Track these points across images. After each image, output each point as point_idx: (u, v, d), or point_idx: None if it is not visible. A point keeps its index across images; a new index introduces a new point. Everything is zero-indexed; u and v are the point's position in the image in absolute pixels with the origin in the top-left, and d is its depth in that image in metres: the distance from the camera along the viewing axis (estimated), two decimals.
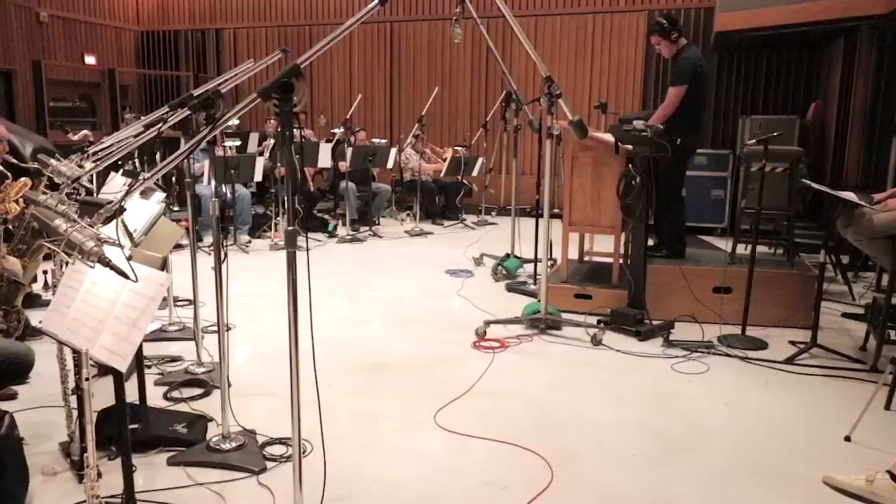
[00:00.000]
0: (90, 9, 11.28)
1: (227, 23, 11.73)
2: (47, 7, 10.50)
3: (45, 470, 2.56)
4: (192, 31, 11.89)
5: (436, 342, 4.17)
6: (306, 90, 2.16)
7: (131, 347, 1.88)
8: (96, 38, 11.40)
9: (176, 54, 11.99)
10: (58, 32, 10.73)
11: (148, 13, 12.13)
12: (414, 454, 2.76)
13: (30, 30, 10.26)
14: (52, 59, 10.50)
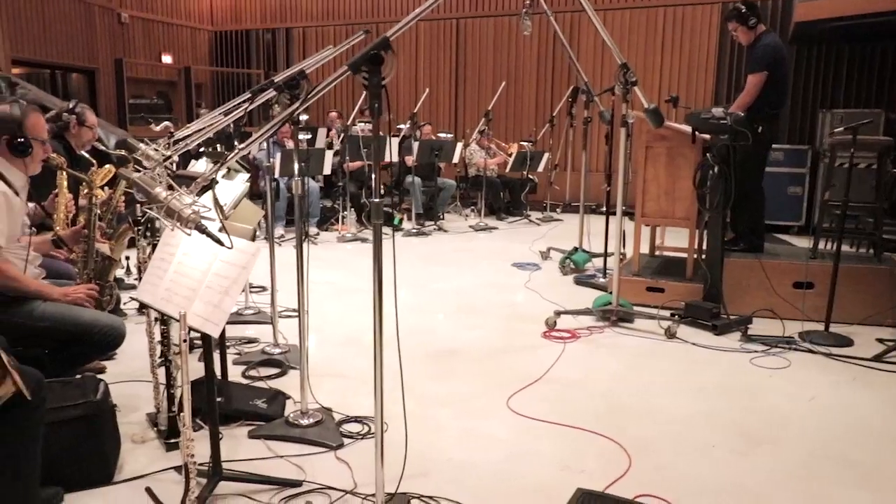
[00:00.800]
0: (167, 10, 11.71)
1: (295, 22, 11.98)
2: (128, 8, 10.95)
3: (134, 438, 2.67)
4: (263, 30, 12.20)
5: (505, 332, 4.16)
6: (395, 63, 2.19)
7: (223, 315, 1.93)
8: (173, 38, 11.82)
9: (247, 53, 12.32)
10: (137, 33, 11.18)
11: (221, 13, 12.51)
12: (487, 437, 2.76)
13: (112, 30, 10.73)
14: (132, 58, 10.94)
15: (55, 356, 2.65)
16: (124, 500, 2.27)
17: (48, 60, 9.71)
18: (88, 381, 2.49)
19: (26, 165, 2.57)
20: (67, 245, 3.00)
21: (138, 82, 11.19)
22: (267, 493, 2.29)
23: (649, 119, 3.84)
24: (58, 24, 9.70)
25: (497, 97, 8.79)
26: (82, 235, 2.93)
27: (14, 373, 1.62)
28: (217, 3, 12.46)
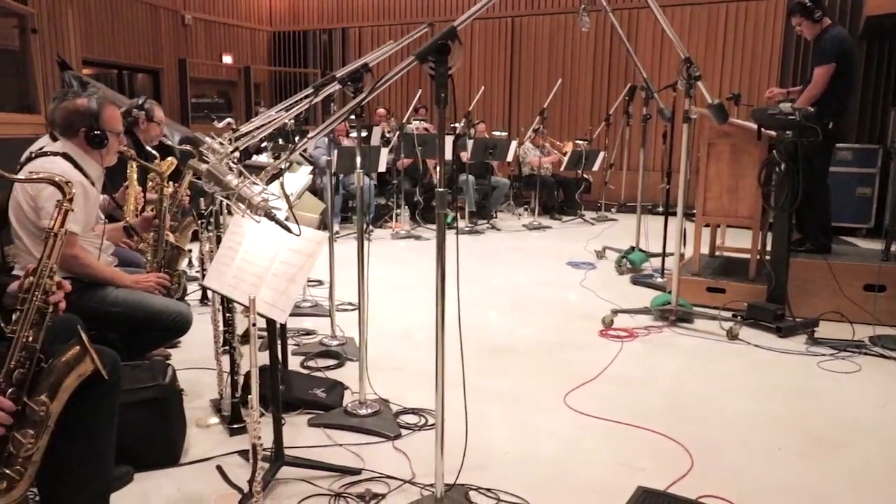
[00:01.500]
0: (228, 11, 12.01)
1: (352, 22, 12.14)
2: (191, 10, 11.27)
3: (199, 422, 2.74)
4: (320, 30, 12.39)
5: (561, 329, 4.12)
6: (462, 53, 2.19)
7: (289, 301, 1.97)
8: (233, 39, 12.12)
9: (304, 53, 12.54)
10: (200, 34, 11.50)
11: (280, 14, 12.77)
12: (545, 432, 2.74)
13: (176, 31, 11.06)
14: (194, 58, 11.26)
15: (126, 341, 2.75)
16: (191, 481, 2.33)
17: (116, 61, 10.07)
18: (157, 365, 2.58)
19: (102, 157, 2.67)
20: (139, 234, 3.10)
21: (200, 82, 11.51)
22: (327, 480, 2.32)
23: (713, 115, 3.75)
24: (125, 26, 10.05)
25: (552, 95, 8.72)
26: (153, 225, 3.03)
27: (93, 351, 1.68)
28: (276, 3, 12.72)
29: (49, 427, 1.63)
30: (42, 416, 1.61)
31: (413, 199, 8.15)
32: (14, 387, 1.60)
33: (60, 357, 1.66)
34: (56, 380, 1.64)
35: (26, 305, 1.65)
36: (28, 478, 1.61)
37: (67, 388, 1.65)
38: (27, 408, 1.60)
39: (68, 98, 2.91)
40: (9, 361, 1.61)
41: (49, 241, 1.72)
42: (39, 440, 1.61)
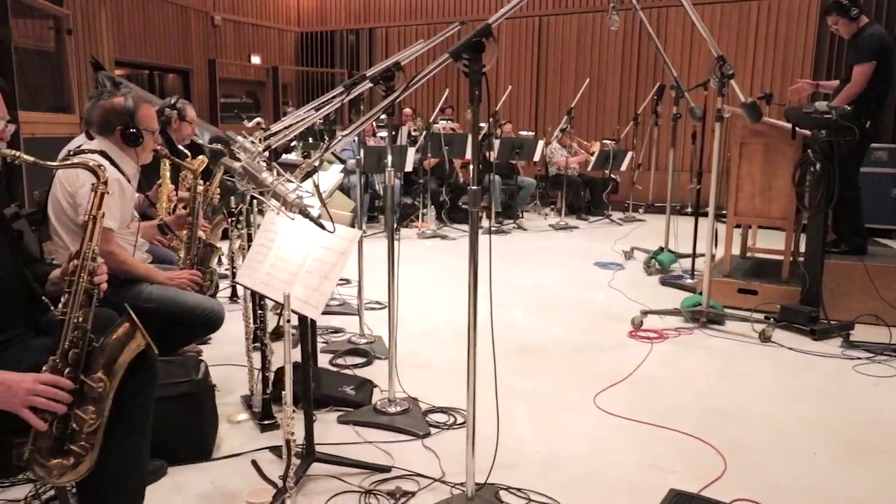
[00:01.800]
0: (257, 12, 12.13)
1: (379, 22, 12.19)
2: (221, 11, 11.41)
3: (230, 418, 2.77)
4: (347, 31, 12.46)
5: (589, 329, 4.09)
6: (496, 51, 2.18)
7: (322, 298, 1.98)
8: (261, 40, 12.24)
9: (332, 53, 12.62)
10: (229, 35, 11.63)
11: (307, 15, 12.86)
12: (575, 432, 2.72)
13: (205, 33, 11.20)
14: (223, 58, 11.39)
15: (159, 336, 2.77)
16: (223, 476, 2.35)
17: (147, 61, 10.23)
18: (190, 360, 2.61)
19: (138, 155, 2.71)
20: (173, 231, 3.14)
21: (229, 82, 11.64)
22: (357, 477, 2.33)
23: (746, 114, 3.70)
24: (156, 28, 10.20)
25: (580, 95, 8.67)
26: (186, 222, 3.06)
27: (141, 328, 1.71)
28: (304, 4, 12.82)
29: (108, 403, 1.67)
30: (101, 392, 1.64)
31: (439, 198, 8.15)
32: (70, 366, 1.64)
33: (111, 335, 1.70)
34: (110, 356, 1.68)
35: (73, 287, 1.69)
36: (93, 455, 1.65)
37: (122, 364, 1.69)
38: (85, 385, 1.64)
39: (104, 97, 2.96)
40: (63, 342, 1.64)
41: (88, 224, 1.75)
42: (101, 416, 1.65)
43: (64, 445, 1.63)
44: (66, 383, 1.61)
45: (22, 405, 1.57)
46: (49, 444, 1.62)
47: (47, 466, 1.62)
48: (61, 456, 1.63)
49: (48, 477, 1.63)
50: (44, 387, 1.58)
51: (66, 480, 1.66)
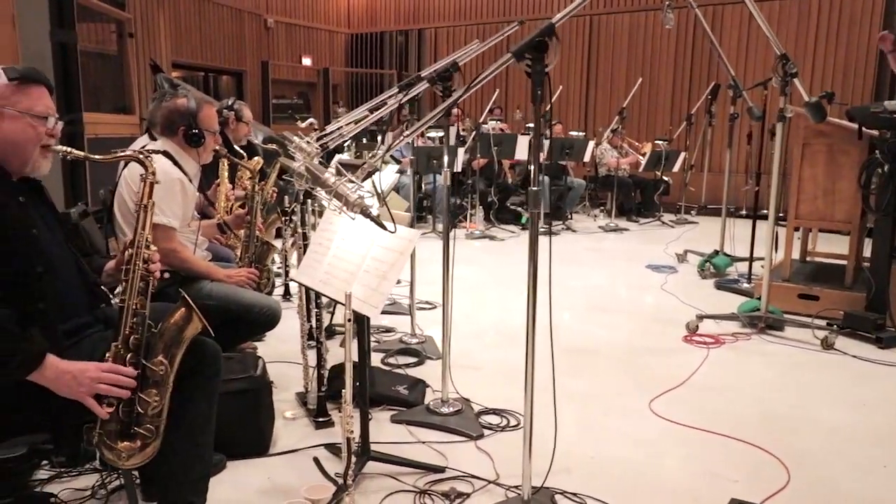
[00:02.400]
0: (308, 14, 12.31)
1: (428, 23, 12.23)
2: (274, 14, 11.61)
3: (285, 415, 2.81)
4: (396, 31, 12.54)
5: (643, 333, 4.03)
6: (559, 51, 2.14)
7: (381, 298, 1.99)
8: (312, 41, 12.42)
9: (381, 54, 12.72)
10: (281, 37, 11.83)
11: (358, 16, 12.99)
12: (631, 438, 2.67)
13: (258, 35, 11.41)
14: (275, 60, 11.59)
15: (218, 333, 2.83)
16: (280, 471, 2.39)
17: (202, 63, 10.48)
18: (249, 357, 2.66)
19: (199, 155, 2.77)
20: (232, 230, 3.20)
21: (280, 83, 11.84)
22: (412, 476, 2.33)
23: (810, 114, 3.58)
24: (212, 30, 10.44)
25: (632, 94, 8.54)
26: (245, 221, 3.12)
27: (198, 311, 1.75)
28: (354, 6, 12.95)
29: (169, 386, 1.71)
30: (162, 375, 1.69)
31: (487, 199, 8.13)
32: (132, 351, 1.69)
33: (169, 320, 1.75)
34: (169, 340, 1.73)
35: (130, 275, 1.74)
36: (159, 437, 1.69)
37: (181, 348, 1.74)
38: (147, 369, 1.69)
39: (166, 98, 3.04)
40: (123, 328, 1.69)
41: (140, 213, 1.80)
42: (164, 398, 1.70)
43: (131, 428, 1.68)
44: (128, 371, 1.66)
45: (87, 393, 1.62)
46: (116, 428, 1.67)
47: (116, 449, 1.67)
48: (129, 439, 1.68)
49: (117, 460, 1.68)
50: (107, 374, 1.64)
51: (134, 463, 1.71)
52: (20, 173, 1.77)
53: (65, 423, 1.71)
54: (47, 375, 1.61)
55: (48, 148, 1.76)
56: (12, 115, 1.70)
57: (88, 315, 1.89)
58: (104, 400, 1.64)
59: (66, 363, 1.63)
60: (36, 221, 1.76)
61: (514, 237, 7.44)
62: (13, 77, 1.70)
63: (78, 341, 1.81)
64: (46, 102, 1.77)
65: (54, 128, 1.78)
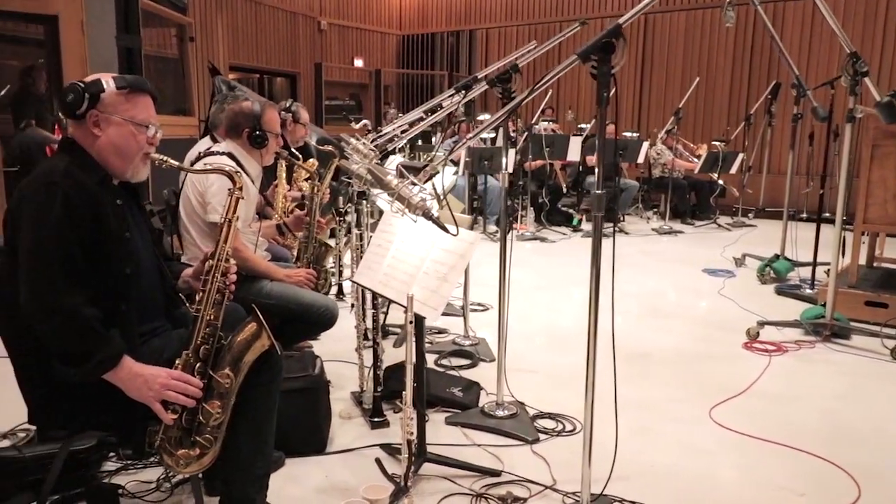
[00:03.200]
0: (361, 16, 12.43)
1: (480, 23, 12.21)
2: (327, 16, 11.76)
3: (341, 414, 2.83)
4: (447, 32, 12.56)
5: (701, 339, 3.94)
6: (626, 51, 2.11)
7: (441, 300, 1.99)
8: (364, 43, 12.53)
9: (432, 55, 12.75)
10: (334, 39, 11.98)
11: (409, 17, 13.06)
12: (691, 447, 2.61)
13: (312, 37, 11.58)
14: (328, 62, 11.74)
15: (276, 332, 2.88)
16: (337, 470, 2.41)
17: (258, 66, 10.69)
18: (307, 356, 2.69)
19: (262, 156, 2.82)
20: (291, 231, 3.26)
21: (332, 85, 11.98)
22: (467, 479, 2.33)
23: (882, 114, 3.44)
24: (267, 33, 10.64)
25: (688, 94, 8.37)
26: (304, 223, 3.16)
27: (268, 329, 1.78)
28: (406, 7, 13.02)
29: (232, 399, 1.75)
30: (227, 388, 1.73)
31: (538, 200, 8.07)
32: (201, 361, 1.73)
33: (239, 334, 1.79)
34: (237, 354, 1.76)
35: (208, 286, 1.78)
36: (216, 447, 1.73)
37: (247, 363, 1.78)
38: (213, 380, 1.73)
39: (228, 101, 3.10)
40: (195, 338, 1.74)
41: (224, 227, 1.84)
42: (226, 411, 1.73)
43: (191, 437, 1.72)
44: (195, 381, 1.70)
45: (155, 398, 1.67)
46: (177, 435, 1.72)
47: (175, 455, 1.72)
48: (188, 447, 1.72)
49: (175, 466, 1.73)
50: (176, 382, 1.68)
51: (191, 471, 1.76)
52: (120, 177, 1.84)
53: (132, 421, 1.76)
54: (121, 376, 1.66)
55: (148, 155, 1.83)
56: (118, 122, 1.77)
57: (164, 319, 1.94)
58: (170, 406, 1.69)
59: (140, 366, 1.68)
60: (130, 224, 1.82)
61: (565, 239, 7.37)
62: (121, 86, 1.78)
63: (147, 340, 1.86)
64: (150, 111, 1.84)
65: (154, 136, 1.84)
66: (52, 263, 1.62)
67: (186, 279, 2.05)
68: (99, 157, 1.79)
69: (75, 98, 1.75)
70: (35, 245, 1.63)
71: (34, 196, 1.66)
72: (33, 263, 1.62)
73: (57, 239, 1.63)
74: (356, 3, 12.31)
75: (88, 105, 1.75)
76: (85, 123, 1.78)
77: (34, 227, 1.64)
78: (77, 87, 1.76)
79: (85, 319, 1.62)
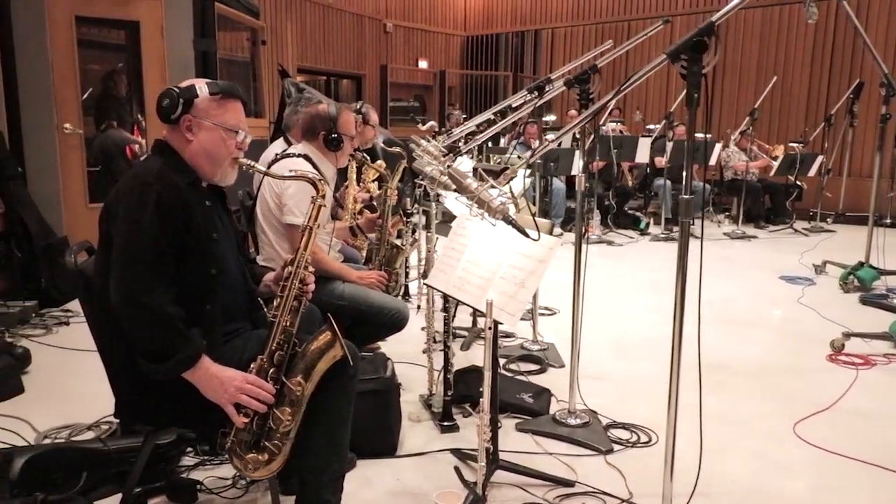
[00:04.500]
0: (426, 18, 12.48)
1: (545, 23, 12.08)
2: (393, 18, 11.85)
3: (410, 416, 2.83)
4: (512, 33, 12.47)
5: (781, 350, 3.77)
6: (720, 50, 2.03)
7: (520, 306, 1.95)
8: (428, 44, 12.58)
9: (496, 55, 12.69)
10: (399, 40, 12.06)
11: (474, 18, 13.03)
12: (775, 464, 2.50)
13: (378, 39, 11.69)
14: (393, 63, 11.83)
15: (347, 333, 2.90)
16: (408, 473, 2.41)
17: (325, 68, 10.85)
18: (379, 358, 2.69)
19: (337, 159, 2.84)
20: (364, 233, 3.27)
21: (397, 86, 12.07)
22: (540, 489, 2.28)
23: None
24: (334, 36, 10.79)
25: (764, 95, 8.07)
26: (376, 225, 3.17)
27: (342, 339, 1.78)
28: (471, 8, 13.00)
29: (303, 407, 1.75)
30: (298, 396, 1.73)
31: (605, 202, 7.92)
32: (275, 367, 1.74)
33: (313, 342, 1.79)
34: (310, 363, 1.77)
35: (286, 292, 1.79)
36: (285, 454, 1.74)
37: (319, 371, 1.78)
38: (285, 387, 1.74)
39: (301, 104, 3.14)
40: (271, 343, 1.75)
41: (304, 234, 1.85)
42: (296, 418, 1.74)
43: (261, 442, 1.73)
44: (269, 387, 1.71)
45: (229, 401, 1.69)
46: (248, 439, 1.73)
47: (244, 459, 1.73)
48: (257, 451, 1.73)
49: (244, 470, 1.74)
50: (250, 386, 1.70)
51: (259, 475, 1.77)
52: (209, 181, 1.88)
53: (213, 420, 1.78)
54: (198, 376, 1.69)
55: (236, 160, 1.86)
56: (209, 126, 1.82)
57: (245, 320, 1.97)
58: (242, 410, 1.70)
59: (217, 367, 1.71)
60: (217, 226, 1.86)
61: (632, 243, 7.21)
62: (214, 92, 1.82)
63: (229, 339, 1.89)
64: (240, 117, 1.88)
65: (243, 141, 1.87)
66: (143, 260, 1.66)
67: (268, 283, 2.07)
68: (190, 161, 1.83)
69: (170, 103, 1.80)
70: (128, 242, 1.67)
71: (129, 195, 1.71)
72: (125, 259, 1.67)
73: (149, 237, 1.67)
74: (422, 4, 12.36)
75: (182, 110, 1.80)
76: (179, 127, 1.82)
77: (128, 224, 1.68)
78: (172, 92, 1.80)
79: (169, 317, 1.66)
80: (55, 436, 2.64)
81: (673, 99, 9.12)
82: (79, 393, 3.06)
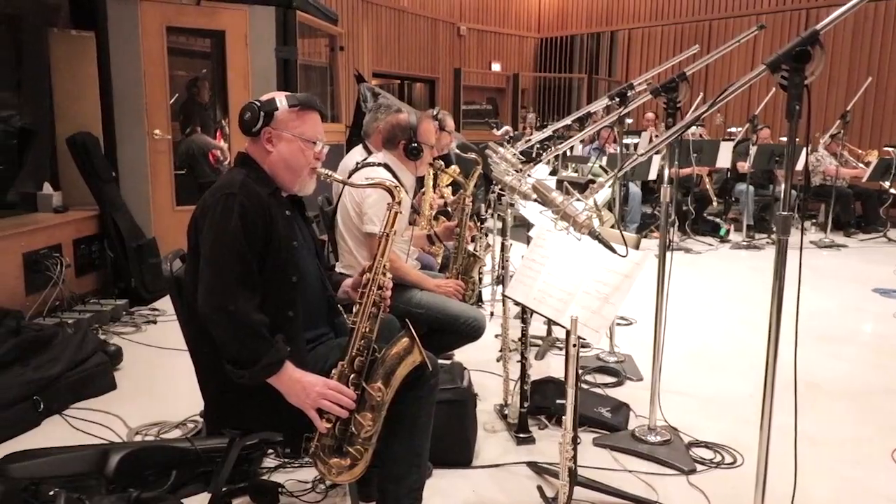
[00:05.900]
0: (500, 20, 12.44)
1: (621, 24, 11.85)
2: (466, 21, 11.87)
3: (485, 426, 2.81)
4: (587, 34, 12.29)
5: (876, 367, 3.57)
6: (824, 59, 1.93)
7: (604, 322, 1.90)
8: (502, 47, 12.53)
9: (570, 58, 12.52)
10: (472, 43, 12.06)
11: (548, 20, 12.91)
12: (874, 494, 2.36)
13: (451, 42, 11.73)
14: (466, 67, 11.85)
15: (423, 341, 2.91)
16: (484, 485, 2.39)
17: (399, 72, 10.96)
18: (456, 367, 2.69)
19: (416, 167, 2.85)
20: (441, 241, 3.28)
21: (470, 89, 12.07)
22: None
23: None
24: (408, 40, 10.89)
25: (857, 96, 7.66)
26: (454, 233, 3.17)
27: (420, 345, 1.79)
28: (545, 10, 12.89)
29: (384, 412, 1.77)
30: (379, 401, 1.75)
31: (682, 208, 7.69)
32: (355, 372, 1.76)
33: (392, 348, 1.80)
34: (389, 368, 1.78)
35: (365, 299, 1.81)
36: (367, 459, 1.76)
37: (399, 377, 1.79)
38: (366, 392, 1.76)
39: (381, 111, 3.17)
40: (351, 349, 1.77)
41: (381, 241, 1.87)
42: (377, 423, 1.75)
43: (343, 447, 1.75)
44: (350, 393, 1.73)
45: (311, 406, 1.72)
46: (331, 444, 1.75)
47: (328, 464, 1.75)
48: (339, 456, 1.75)
49: (328, 474, 1.76)
50: (332, 392, 1.72)
51: (342, 480, 1.79)
52: (288, 191, 1.93)
53: (298, 425, 1.81)
54: (282, 381, 1.73)
55: (314, 170, 1.90)
56: (289, 138, 1.86)
57: (327, 326, 2.00)
58: (324, 415, 1.73)
59: (300, 373, 1.74)
60: (297, 234, 1.91)
61: (711, 250, 6.97)
62: (293, 104, 1.87)
63: (314, 347, 1.92)
64: (318, 128, 1.92)
65: (321, 151, 1.91)
66: (228, 268, 1.71)
67: (346, 290, 2.10)
68: (270, 171, 1.88)
69: (252, 116, 1.85)
70: (214, 250, 1.73)
71: (215, 206, 1.76)
72: (211, 267, 1.72)
73: (234, 246, 1.72)
74: (495, 7, 12.33)
75: (263, 122, 1.84)
76: (260, 140, 1.87)
77: (214, 233, 1.74)
78: (254, 105, 1.85)
79: (253, 324, 1.70)
80: (145, 432, 2.75)
81: (756, 100, 8.78)
82: (167, 391, 3.19)
